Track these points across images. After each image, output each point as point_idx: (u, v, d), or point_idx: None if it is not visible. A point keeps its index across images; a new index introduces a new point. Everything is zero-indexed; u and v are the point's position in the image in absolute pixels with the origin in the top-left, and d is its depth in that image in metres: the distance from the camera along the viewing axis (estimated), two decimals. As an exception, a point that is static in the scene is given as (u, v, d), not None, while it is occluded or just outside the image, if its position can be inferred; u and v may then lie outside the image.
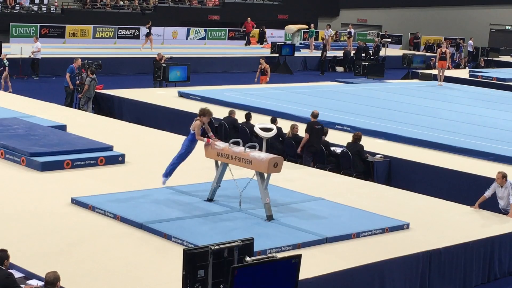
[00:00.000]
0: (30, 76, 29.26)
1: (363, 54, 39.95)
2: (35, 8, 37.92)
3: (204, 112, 12.11)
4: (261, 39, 43.06)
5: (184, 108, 20.97)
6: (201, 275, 7.60)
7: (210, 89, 24.96)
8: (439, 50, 29.88)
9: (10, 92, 23.93)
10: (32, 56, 29.30)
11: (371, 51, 40.80)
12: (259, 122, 14.71)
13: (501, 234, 11.90)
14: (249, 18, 42.17)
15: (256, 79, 28.94)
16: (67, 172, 13.72)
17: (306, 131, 16.41)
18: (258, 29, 43.40)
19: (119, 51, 35.42)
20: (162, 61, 26.43)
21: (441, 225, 12.12)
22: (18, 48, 29.26)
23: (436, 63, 29.90)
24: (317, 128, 16.44)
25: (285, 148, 16.98)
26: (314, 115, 16.82)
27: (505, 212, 12.90)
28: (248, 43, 42.47)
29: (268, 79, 28.74)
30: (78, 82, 22.30)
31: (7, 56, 26.37)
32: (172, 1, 43.54)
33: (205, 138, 11.94)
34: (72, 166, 13.91)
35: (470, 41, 48.44)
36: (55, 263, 9.16)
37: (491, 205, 13.15)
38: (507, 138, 18.79)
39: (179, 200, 12.12)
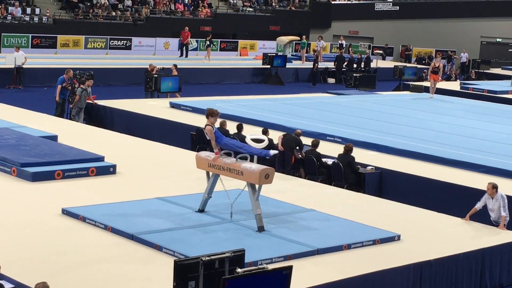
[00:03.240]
0: (17, 86, 29.25)
1: (354, 66, 40.12)
2: (27, 18, 37.88)
3: (209, 113, 11.57)
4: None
5: (176, 119, 20.97)
6: (192, 286, 7.59)
7: (201, 100, 24.93)
8: (432, 63, 29.87)
9: None
10: (17, 66, 29.26)
11: (362, 63, 40.91)
12: (251, 133, 14.72)
13: (492, 246, 11.92)
14: (186, 28, 39.07)
15: None
16: (58, 182, 13.68)
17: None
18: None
19: (111, 61, 35.43)
20: (154, 72, 26.42)
21: (432, 236, 12.13)
22: (12, 58, 29.22)
23: (428, 76, 29.83)
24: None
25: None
26: (297, 134, 17.39)
27: (496, 224, 12.92)
28: (183, 54, 39.20)
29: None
30: (68, 87, 22.31)
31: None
32: (164, 12, 43.59)
33: (216, 151, 11.56)
34: (63, 176, 13.87)
35: (464, 53, 48.65)
36: (45, 274, 9.12)
37: (482, 217, 13.17)
38: (498, 150, 18.84)
39: (170, 211, 12.09)
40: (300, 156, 16.96)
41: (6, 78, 29.43)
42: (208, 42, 39.01)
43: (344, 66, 39.93)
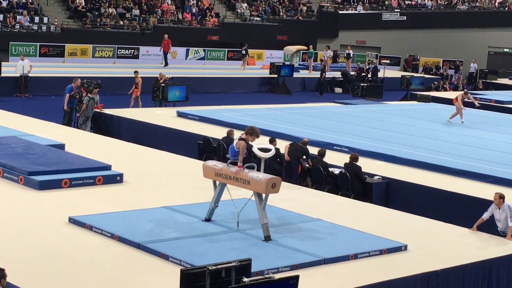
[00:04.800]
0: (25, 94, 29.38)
1: (363, 74, 40.17)
2: (35, 27, 38.00)
3: (252, 131, 11.53)
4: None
5: (183, 128, 21.01)
6: (198, 295, 7.60)
7: (208, 109, 24.99)
8: (459, 96, 27.10)
9: None
10: (23, 74, 29.38)
11: (370, 73, 40.94)
12: (257, 142, 14.72)
13: (499, 256, 11.89)
14: (166, 35, 37.57)
15: (130, 91, 27.03)
16: (65, 191, 13.70)
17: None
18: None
19: (118, 70, 35.48)
20: (161, 81, 26.48)
21: (439, 246, 12.10)
22: (21, 67, 29.31)
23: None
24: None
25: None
26: (304, 142, 17.48)
27: (503, 234, 12.88)
28: (165, 64, 37.86)
29: (139, 93, 26.57)
30: (76, 95, 22.42)
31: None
32: (172, 21, 43.68)
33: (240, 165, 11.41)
34: (70, 185, 13.89)
35: (473, 64, 48.64)
36: (51, 282, 9.13)
37: (490, 227, 13.14)
38: (505, 160, 18.81)
39: (177, 220, 12.10)
40: (307, 165, 16.96)
41: (15, 86, 29.57)
42: (244, 52, 40.05)
43: (352, 75, 39.97)
